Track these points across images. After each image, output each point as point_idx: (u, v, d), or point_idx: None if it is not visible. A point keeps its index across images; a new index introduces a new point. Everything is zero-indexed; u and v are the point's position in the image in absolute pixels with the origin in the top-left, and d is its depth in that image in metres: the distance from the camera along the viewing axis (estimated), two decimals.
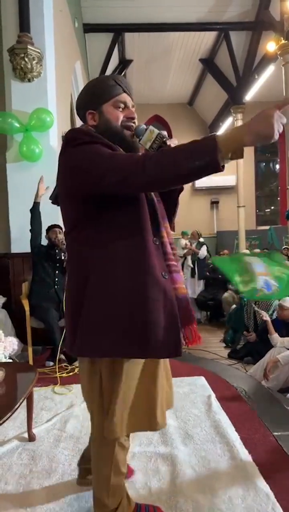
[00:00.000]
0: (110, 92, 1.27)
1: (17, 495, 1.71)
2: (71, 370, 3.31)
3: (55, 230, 3.68)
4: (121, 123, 1.27)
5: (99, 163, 1.11)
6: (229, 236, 10.42)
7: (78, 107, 1.33)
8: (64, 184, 1.25)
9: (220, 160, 1.01)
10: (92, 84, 1.31)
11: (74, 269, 1.25)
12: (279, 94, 7.26)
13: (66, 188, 1.24)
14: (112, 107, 1.27)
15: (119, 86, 1.28)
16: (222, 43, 8.26)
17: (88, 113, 1.29)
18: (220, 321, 6.37)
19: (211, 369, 3.32)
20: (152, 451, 2.01)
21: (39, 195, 3.64)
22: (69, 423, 2.36)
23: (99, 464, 1.37)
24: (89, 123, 1.29)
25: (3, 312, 3.80)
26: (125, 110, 1.29)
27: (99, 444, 1.34)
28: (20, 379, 2.11)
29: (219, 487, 1.70)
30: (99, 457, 1.36)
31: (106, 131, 1.24)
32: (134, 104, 1.35)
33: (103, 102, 1.27)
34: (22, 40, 3.81)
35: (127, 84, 1.32)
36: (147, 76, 9.63)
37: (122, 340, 1.16)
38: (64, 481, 1.80)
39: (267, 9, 7.15)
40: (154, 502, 1.62)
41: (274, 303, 4.69)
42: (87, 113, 1.29)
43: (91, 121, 1.29)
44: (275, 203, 12.29)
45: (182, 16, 7.39)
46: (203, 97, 10.80)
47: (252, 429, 2.22)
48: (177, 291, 1.24)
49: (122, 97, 1.28)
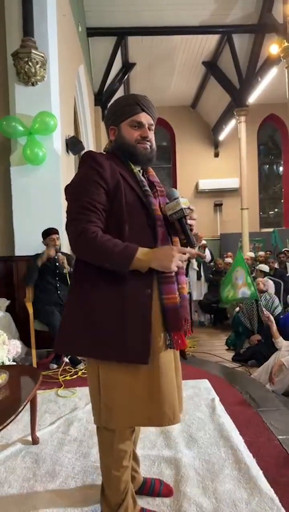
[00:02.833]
0: (129, 112, 1.41)
1: (20, 498, 1.71)
2: (75, 373, 3.31)
3: (54, 238, 3.63)
4: (136, 141, 1.40)
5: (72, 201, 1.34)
6: (232, 238, 10.41)
7: (105, 122, 1.53)
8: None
9: (127, 270, 1.26)
10: (116, 102, 1.47)
11: (77, 276, 1.40)
12: (282, 96, 7.27)
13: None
14: (128, 126, 1.41)
15: (138, 106, 1.41)
16: (225, 46, 8.28)
17: (111, 129, 1.46)
18: (224, 324, 6.36)
19: (215, 372, 3.31)
20: (156, 455, 2.00)
21: (43, 260, 3.55)
22: (72, 426, 2.36)
23: (101, 453, 1.46)
24: (111, 137, 1.47)
25: (7, 315, 3.80)
26: (141, 129, 1.41)
27: (100, 433, 1.45)
28: (24, 382, 2.11)
29: (223, 491, 1.69)
30: (100, 445, 1.45)
31: (121, 146, 1.41)
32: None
33: (122, 120, 1.42)
34: (26, 45, 3.83)
35: (147, 103, 1.43)
36: (150, 79, 9.66)
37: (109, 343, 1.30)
38: (67, 484, 1.79)
39: (270, 12, 7.17)
40: (157, 506, 1.61)
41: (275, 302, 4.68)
42: (110, 129, 1.47)
43: (112, 136, 1.46)
44: (279, 205, 12.27)
45: (184, 20, 7.42)
46: (206, 100, 10.82)
47: (256, 433, 2.21)
48: (181, 291, 1.38)
49: (138, 117, 1.40)
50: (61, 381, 3.12)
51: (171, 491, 1.70)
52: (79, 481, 1.80)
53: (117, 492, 1.41)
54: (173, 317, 1.32)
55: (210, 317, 6.75)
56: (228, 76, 8.93)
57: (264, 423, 2.32)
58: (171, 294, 1.33)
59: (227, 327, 5.80)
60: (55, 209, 4.05)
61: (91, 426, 2.34)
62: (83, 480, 1.81)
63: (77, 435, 2.25)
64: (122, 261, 1.24)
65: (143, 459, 1.94)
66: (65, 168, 4.42)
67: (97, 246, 1.24)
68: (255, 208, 11.30)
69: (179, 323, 1.33)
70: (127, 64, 8.97)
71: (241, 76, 8.46)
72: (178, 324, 1.33)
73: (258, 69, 8.15)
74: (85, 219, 1.27)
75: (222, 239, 11.05)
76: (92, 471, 1.88)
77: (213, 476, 1.80)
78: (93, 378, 1.38)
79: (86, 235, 1.25)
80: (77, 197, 1.30)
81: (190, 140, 11.63)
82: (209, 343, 5.30)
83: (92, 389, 1.41)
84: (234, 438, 2.13)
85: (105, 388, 1.34)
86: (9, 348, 2.24)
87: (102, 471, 1.46)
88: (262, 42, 7.79)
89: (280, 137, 12.06)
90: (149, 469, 1.88)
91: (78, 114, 6.94)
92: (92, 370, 1.38)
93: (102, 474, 1.47)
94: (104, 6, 7.01)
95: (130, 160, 1.40)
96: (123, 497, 1.41)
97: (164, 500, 1.64)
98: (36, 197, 4.03)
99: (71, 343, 1.35)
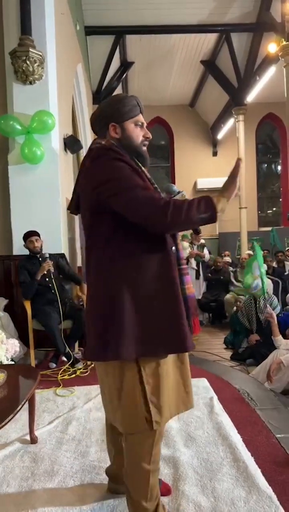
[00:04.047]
0: (133, 111, 1.43)
1: (19, 497, 1.71)
2: (73, 372, 3.31)
3: (32, 240, 3.62)
4: (141, 142, 1.45)
5: (129, 190, 1.28)
6: (231, 237, 10.41)
7: (100, 116, 1.46)
8: (92, 197, 1.35)
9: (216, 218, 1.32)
10: (118, 99, 1.45)
11: (103, 279, 1.35)
12: (280, 95, 7.27)
13: (96, 201, 1.34)
14: (133, 125, 1.44)
15: (139, 107, 1.45)
16: (223, 44, 8.27)
17: (111, 125, 1.43)
18: (222, 323, 6.36)
19: (213, 371, 3.32)
20: None
21: (41, 273, 3.52)
22: (71, 425, 2.36)
23: (137, 462, 1.37)
24: (111, 134, 1.43)
25: (5, 314, 3.80)
26: (143, 129, 1.47)
27: (134, 441, 1.37)
28: (22, 381, 2.11)
29: (221, 490, 1.70)
30: (137, 453, 1.37)
31: (129, 146, 1.42)
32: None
33: (127, 119, 1.43)
34: (23, 43, 3.82)
35: (142, 105, 1.49)
36: (148, 78, 9.65)
37: (162, 338, 1.31)
38: (66, 483, 1.79)
39: (268, 11, 7.17)
40: None
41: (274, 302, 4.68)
42: (110, 125, 1.43)
43: (113, 133, 1.43)
44: (277, 204, 12.28)
45: (183, 18, 7.41)
46: (205, 98, 10.81)
47: (254, 431, 2.21)
48: (188, 291, 1.42)
49: (141, 118, 1.46)
50: (59, 380, 3.12)
51: (169, 490, 1.70)
52: (77, 480, 1.80)
53: (155, 501, 1.39)
54: (192, 304, 1.42)
55: (209, 316, 6.75)
56: (226, 75, 8.93)
57: (262, 422, 2.32)
58: (189, 284, 1.43)
59: (226, 326, 5.80)
60: (53, 207, 4.04)
61: (90, 425, 2.34)
62: (82, 479, 1.81)
63: (76, 434, 2.25)
64: (210, 205, 1.28)
65: None
66: (63, 167, 4.41)
67: (186, 209, 1.26)
68: (253, 207, 11.31)
69: (196, 310, 1.48)
70: (126, 62, 8.96)
71: (239, 75, 8.46)
72: (196, 311, 1.48)
73: (256, 68, 8.15)
74: (155, 196, 1.29)
75: (220, 238, 11.06)
76: (90, 470, 1.88)
77: (211, 475, 1.81)
78: (131, 383, 1.33)
79: (171, 204, 1.26)
80: (131, 184, 1.29)
81: (188, 139, 11.63)
82: (208, 342, 5.29)
83: (127, 396, 1.34)
84: (232, 436, 2.13)
85: (151, 386, 1.33)
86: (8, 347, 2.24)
87: (137, 484, 1.38)
88: (261, 41, 7.79)
89: (278, 136, 12.06)
90: None
91: (76, 113, 6.93)
92: (130, 374, 1.33)
93: (135, 489, 1.38)
94: (102, 4, 6.99)
95: (137, 160, 1.42)
96: (157, 503, 1.41)
97: (162, 499, 1.64)
98: (34, 196, 4.02)
99: (115, 348, 1.29)
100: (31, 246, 3.63)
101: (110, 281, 1.34)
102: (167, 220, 1.25)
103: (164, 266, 1.34)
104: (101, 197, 1.31)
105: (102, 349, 1.32)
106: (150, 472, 1.36)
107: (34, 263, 3.59)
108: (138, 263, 1.32)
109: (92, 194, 1.34)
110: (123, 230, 1.33)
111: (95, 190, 1.32)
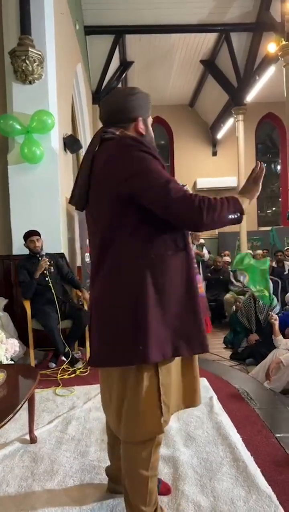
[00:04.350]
0: (150, 108, 1.43)
1: (18, 497, 1.71)
2: (73, 372, 3.31)
3: (33, 239, 3.62)
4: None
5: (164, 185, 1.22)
6: (230, 237, 10.41)
7: (127, 108, 1.37)
8: (120, 188, 1.25)
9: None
10: (145, 94, 1.41)
11: (124, 278, 1.27)
12: (280, 95, 7.27)
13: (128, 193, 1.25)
14: (150, 122, 1.43)
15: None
16: (223, 44, 8.27)
17: (141, 119, 1.38)
18: (222, 323, 6.36)
19: (213, 370, 3.32)
20: None
21: (39, 271, 3.52)
22: (70, 425, 2.36)
23: (136, 468, 1.35)
24: (138, 128, 1.38)
25: (5, 314, 3.80)
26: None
27: (137, 449, 1.34)
28: (22, 381, 2.11)
29: (221, 489, 1.70)
30: (136, 461, 1.35)
31: (151, 143, 1.36)
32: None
33: (149, 115, 1.42)
34: (23, 43, 3.82)
35: None
36: (148, 78, 9.64)
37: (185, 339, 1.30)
38: (66, 483, 1.79)
39: (268, 10, 7.17)
40: None
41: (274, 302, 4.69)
42: (139, 118, 1.38)
43: (141, 128, 1.39)
44: (277, 204, 12.28)
45: (182, 18, 7.41)
46: (204, 98, 10.81)
47: (254, 431, 2.21)
48: (199, 290, 1.42)
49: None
50: (59, 380, 3.12)
51: (169, 489, 1.70)
52: (77, 480, 1.80)
53: (154, 507, 1.39)
54: (203, 303, 1.42)
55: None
56: (226, 75, 8.93)
57: (262, 421, 2.32)
58: (199, 283, 1.43)
59: (225, 326, 5.79)
60: (53, 207, 4.04)
61: (89, 424, 2.34)
62: (81, 479, 1.81)
63: (75, 434, 2.25)
64: (239, 207, 1.29)
65: None
66: (63, 166, 4.41)
67: (219, 208, 1.24)
68: (252, 207, 11.30)
69: (207, 309, 1.44)
70: (125, 62, 8.96)
71: (239, 75, 8.46)
72: (207, 310, 1.43)
73: (256, 67, 8.15)
74: (186, 193, 1.24)
75: (220, 238, 11.05)
76: (90, 470, 1.88)
77: (211, 475, 1.81)
78: (149, 386, 1.30)
79: (206, 202, 1.22)
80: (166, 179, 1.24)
81: (188, 139, 11.63)
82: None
83: (143, 401, 1.29)
84: (231, 436, 2.13)
85: (165, 386, 1.32)
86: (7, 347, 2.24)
87: (136, 489, 1.36)
88: (260, 41, 7.79)
89: (278, 135, 12.06)
90: None
91: (76, 113, 6.93)
92: (148, 376, 1.30)
93: (133, 494, 1.37)
94: (102, 4, 6.99)
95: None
96: (155, 507, 1.41)
97: (162, 498, 1.64)
98: (34, 195, 4.02)
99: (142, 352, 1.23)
100: (32, 245, 3.63)
101: (133, 280, 1.26)
102: (202, 218, 1.20)
103: (185, 264, 1.31)
104: (133, 189, 1.23)
105: (124, 354, 1.25)
106: (148, 478, 1.35)
107: (34, 262, 3.59)
108: (163, 260, 1.27)
109: (121, 185, 1.25)
110: (148, 225, 1.27)
111: (127, 181, 1.23)
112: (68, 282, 3.84)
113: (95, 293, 1.37)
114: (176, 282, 1.28)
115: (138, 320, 1.24)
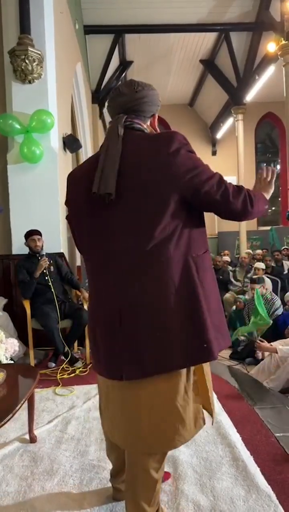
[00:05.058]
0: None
1: (18, 496, 1.71)
2: (73, 371, 3.31)
3: (35, 238, 3.62)
4: None
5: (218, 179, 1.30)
6: (230, 236, 10.43)
7: (149, 101, 1.33)
8: (170, 185, 1.19)
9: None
10: (156, 93, 1.39)
11: (175, 279, 1.22)
12: (279, 95, 7.28)
13: (183, 189, 1.21)
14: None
15: None
16: (223, 44, 8.28)
17: (153, 116, 1.38)
18: None
19: (212, 370, 3.29)
20: None
21: (39, 271, 3.51)
22: (70, 424, 2.36)
23: (148, 470, 1.31)
24: (154, 124, 1.39)
25: (4, 314, 3.80)
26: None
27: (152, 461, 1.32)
28: (22, 380, 2.11)
29: (220, 489, 1.70)
30: (149, 465, 1.31)
31: None
32: None
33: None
34: (22, 42, 3.81)
35: None
36: (147, 77, 9.59)
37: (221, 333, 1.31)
38: (65, 482, 1.79)
39: (268, 10, 7.17)
40: None
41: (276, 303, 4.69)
42: (152, 116, 1.38)
43: (155, 124, 1.40)
44: (276, 203, 12.29)
45: (182, 17, 7.41)
46: (204, 98, 10.81)
47: (253, 430, 2.21)
48: None
49: None
50: (59, 380, 3.12)
51: (168, 474, 1.73)
52: (77, 479, 1.81)
53: (156, 506, 1.40)
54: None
55: None
56: (225, 74, 8.94)
57: (261, 421, 2.33)
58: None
59: None
60: (52, 207, 4.04)
61: (89, 424, 2.34)
62: (81, 478, 1.81)
63: (75, 433, 2.25)
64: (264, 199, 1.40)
65: None
66: (63, 166, 4.41)
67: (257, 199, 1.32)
68: None
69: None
70: (125, 62, 8.96)
71: (238, 74, 8.47)
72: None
73: (255, 67, 8.15)
74: (233, 188, 1.30)
75: (219, 237, 11.06)
76: (90, 469, 1.88)
77: (211, 474, 1.81)
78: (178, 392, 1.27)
79: (251, 193, 1.31)
80: (217, 175, 1.31)
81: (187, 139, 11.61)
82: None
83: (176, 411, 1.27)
84: (231, 435, 2.14)
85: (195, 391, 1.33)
86: (7, 346, 2.24)
87: (144, 490, 1.34)
88: (260, 40, 7.80)
89: (278, 135, 12.08)
90: None
91: (76, 112, 6.92)
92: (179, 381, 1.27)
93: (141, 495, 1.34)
94: (101, 3, 6.99)
95: None
96: (157, 508, 1.41)
97: (162, 498, 1.65)
98: (33, 195, 4.02)
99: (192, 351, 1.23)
100: (33, 244, 3.63)
101: (185, 281, 1.22)
102: (250, 209, 1.29)
103: (210, 263, 1.35)
104: (193, 184, 1.21)
105: (188, 355, 1.23)
106: (158, 480, 1.35)
107: (33, 262, 3.59)
108: (202, 259, 1.27)
109: (180, 183, 1.19)
110: (189, 226, 1.26)
111: (189, 178, 1.21)
112: (67, 282, 3.83)
113: (130, 299, 1.24)
114: (211, 280, 1.32)
115: (198, 320, 1.23)
